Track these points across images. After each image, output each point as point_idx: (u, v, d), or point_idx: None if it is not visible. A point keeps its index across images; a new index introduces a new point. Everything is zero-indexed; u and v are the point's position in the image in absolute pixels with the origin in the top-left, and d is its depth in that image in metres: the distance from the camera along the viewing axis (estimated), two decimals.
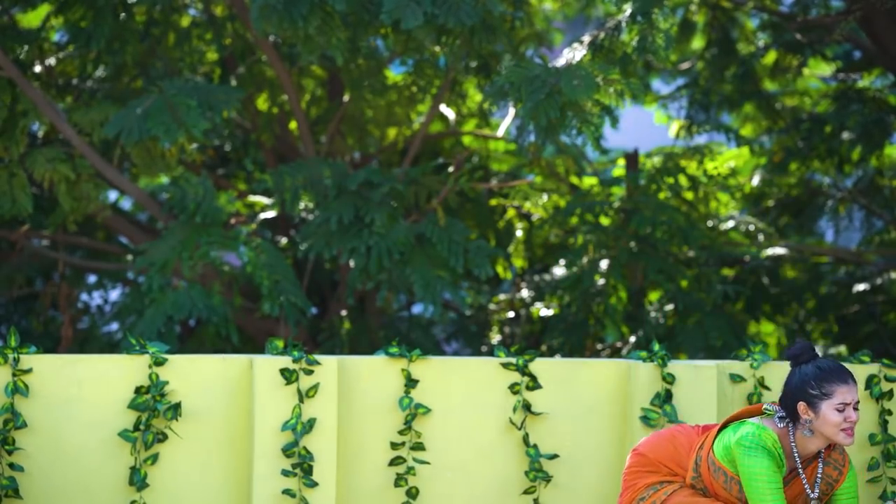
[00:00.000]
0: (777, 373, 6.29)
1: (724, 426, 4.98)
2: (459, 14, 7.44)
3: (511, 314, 10.11)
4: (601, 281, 9.20)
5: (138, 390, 5.77)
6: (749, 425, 4.79)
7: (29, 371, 5.69)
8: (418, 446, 5.99)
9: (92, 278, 10.45)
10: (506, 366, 6.12)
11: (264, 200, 9.70)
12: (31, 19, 9.50)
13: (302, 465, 5.81)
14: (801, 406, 4.80)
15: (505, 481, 6.10)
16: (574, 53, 7.94)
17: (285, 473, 5.79)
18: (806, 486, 4.84)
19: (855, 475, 5.01)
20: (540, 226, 9.65)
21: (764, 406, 4.95)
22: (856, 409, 4.80)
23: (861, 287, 10.44)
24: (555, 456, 6.10)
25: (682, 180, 9.45)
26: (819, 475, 4.86)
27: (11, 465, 5.62)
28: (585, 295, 9.10)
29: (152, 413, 5.74)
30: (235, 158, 10.43)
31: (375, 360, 6.04)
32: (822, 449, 4.91)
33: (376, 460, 6.00)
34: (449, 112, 9.85)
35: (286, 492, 5.80)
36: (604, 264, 9.13)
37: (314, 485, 5.81)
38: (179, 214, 8.09)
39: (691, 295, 9.18)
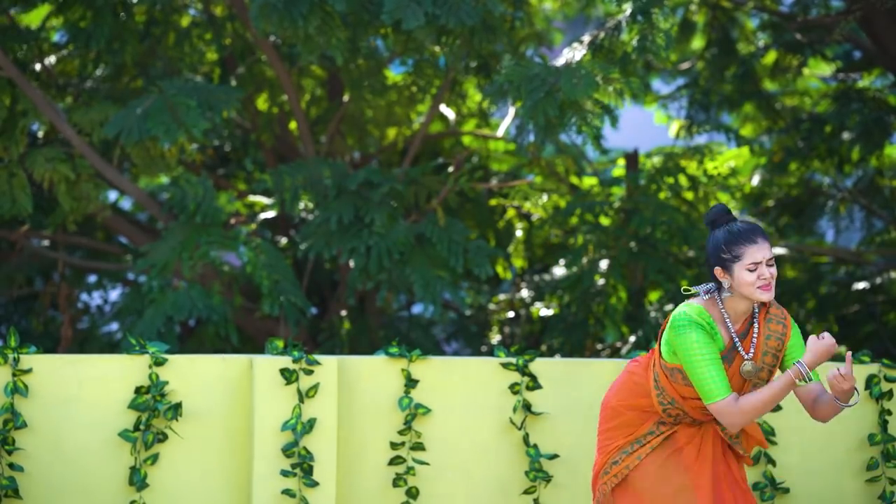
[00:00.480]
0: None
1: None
2: (460, 14, 7.44)
3: (511, 314, 10.11)
4: (601, 281, 9.19)
5: (138, 390, 5.77)
6: (676, 310, 4.83)
7: (29, 371, 5.69)
8: (418, 446, 6.00)
9: (92, 278, 10.45)
10: (506, 366, 6.12)
11: (264, 200, 9.70)
12: (31, 19, 9.50)
13: (302, 465, 5.81)
14: (718, 271, 4.80)
15: (505, 481, 6.10)
16: (574, 53, 7.94)
17: (285, 473, 5.79)
18: (741, 350, 4.81)
19: (795, 325, 4.98)
20: (540, 226, 9.65)
21: (683, 288, 4.97)
22: (770, 265, 4.77)
23: (861, 287, 10.44)
24: (555, 456, 6.10)
25: (682, 180, 9.45)
26: (755, 335, 4.84)
27: (11, 465, 5.62)
28: (585, 295, 9.09)
29: (152, 413, 5.74)
30: (235, 158, 10.43)
31: (375, 360, 6.04)
32: (757, 310, 4.87)
33: (376, 460, 6.00)
34: (449, 112, 9.85)
35: (286, 492, 5.80)
36: (604, 264, 9.12)
37: (314, 485, 5.81)
38: (179, 214, 8.09)
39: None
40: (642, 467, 4.80)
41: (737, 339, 4.81)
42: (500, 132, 9.75)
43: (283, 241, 9.82)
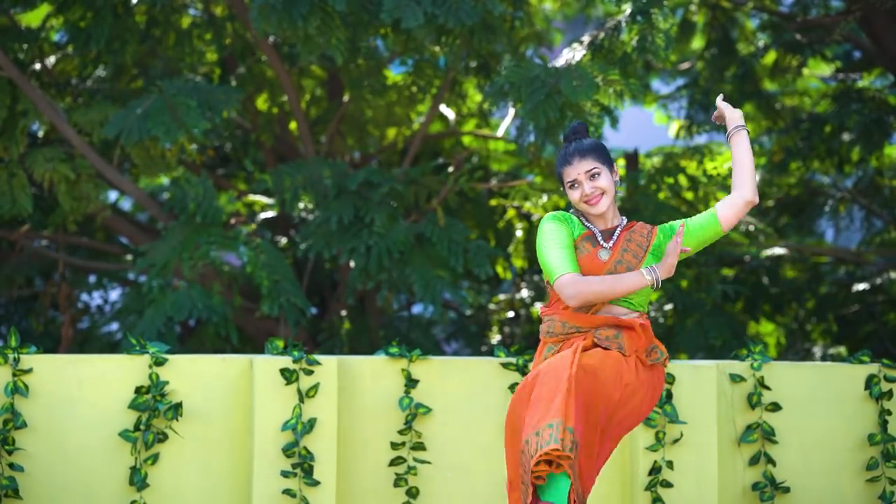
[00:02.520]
0: (777, 373, 6.30)
1: None
2: (459, 14, 7.44)
3: (511, 314, 10.11)
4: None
5: (138, 390, 5.77)
6: None
7: (29, 371, 5.69)
8: (418, 446, 6.00)
9: (92, 278, 10.46)
10: (506, 366, 6.12)
11: (264, 200, 9.70)
12: (31, 19, 9.49)
13: (302, 465, 5.81)
14: (563, 190, 4.96)
15: (505, 481, 6.10)
16: (574, 53, 7.94)
17: (285, 474, 5.79)
18: (601, 240, 4.87)
19: (664, 227, 4.98)
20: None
21: None
22: (593, 177, 4.86)
23: (861, 287, 10.45)
24: None
25: (682, 180, 9.45)
26: (615, 237, 4.89)
27: (11, 465, 5.62)
28: None
29: (152, 413, 5.74)
30: (235, 158, 10.43)
31: (375, 360, 6.05)
32: (623, 224, 4.94)
33: (376, 460, 6.00)
34: (449, 112, 9.85)
35: (286, 492, 5.80)
36: None
37: (314, 485, 5.81)
38: (179, 215, 8.09)
39: (691, 295, 9.18)
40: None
41: (598, 233, 4.88)
42: (500, 132, 9.75)
43: (283, 241, 9.83)
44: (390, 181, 8.21)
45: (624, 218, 5.00)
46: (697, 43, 10.86)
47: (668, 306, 9.40)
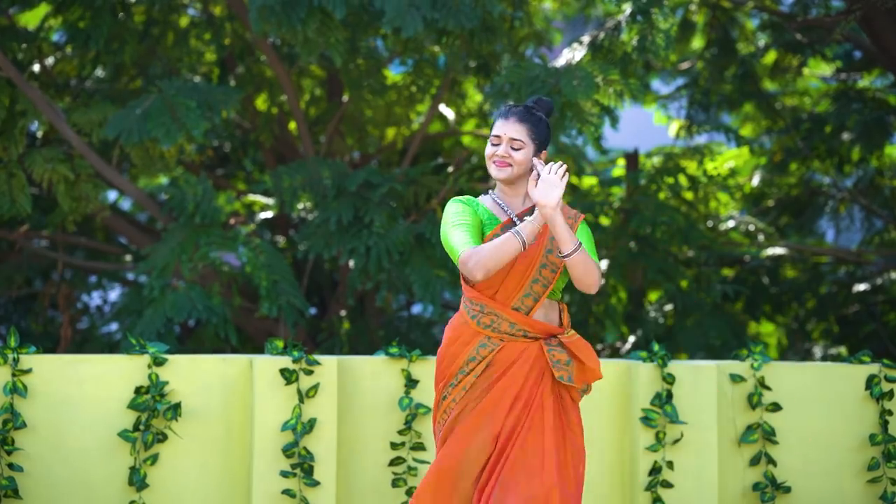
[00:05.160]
0: (777, 373, 6.29)
1: None
2: (459, 17, 7.43)
3: None
4: (601, 281, 9.18)
5: (138, 390, 5.76)
6: None
7: (29, 371, 5.68)
8: (418, 446, 5.99)
9: (92, 278, 10.45)
10: None
11: (263, 200, 9.69)
12: (30, 19, 9.49)
13: (302, 465, 5.80)
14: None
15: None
16: (574, 53, 7.93)
17: (285, 474, 5.78)
18: (516, 220, 4.72)
19: (586, 229, 4.85)
20: None
21: None
22: (516, 148, 4.71)
23: (861, 287, 10.44)
24: None
25: (682, 180, 9.45)
26: (531, 212, 4.74)
27: (11, 465, 5.61)
28: (585, 295, 9.09)
29: (152, 413, 5.73)
30: (235, 158, 10.42)
31: (375, 360, 6.04)
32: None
33: (376, 460, 5.99)
34: (448, 112, 9.85)
35: (286, 492, 5.79)
36: (604, 264, 9.12)
37: (314, 485, 5.81)
38: (179, 215, 8.08)
39: (691, 295, 9.18)
40: (458, 404, 4.68)
41: (515, 217, 4.74)
42: None
43: (283, 241, 9.82)
44: (390, 181, 8.20)
45: None
46: (697, 43, 10.85)
47: (669, 306, 9.39)
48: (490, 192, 4.86)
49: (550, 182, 4.56)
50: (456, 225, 4.69)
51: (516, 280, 4.69)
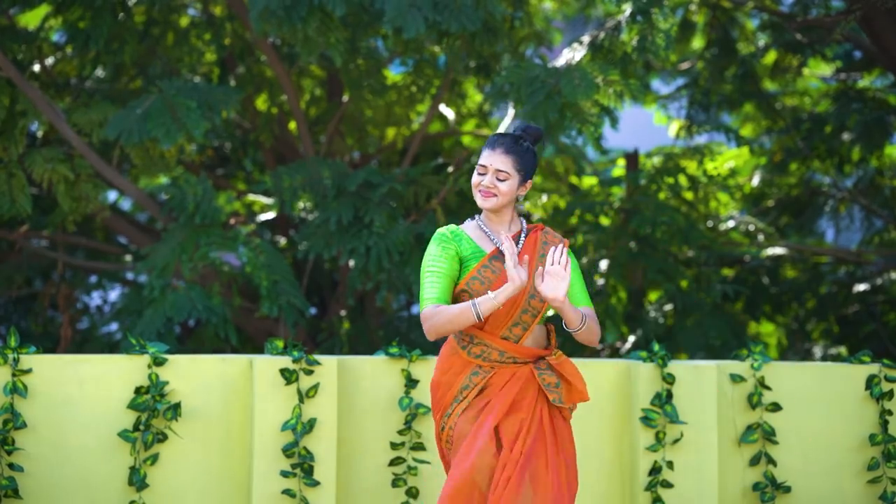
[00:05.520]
0: (777, 373, 6.29)
1: None
2: (461, 19, 7.43)
3: None
4: (601, 281, 9.19)
5: (138, 390, 5.76)
6: None
7: (29, 371, 5.68)
8: (418, 446, 5.99)
9: (92, 278, 10.45)
10: None
11: (264, 200, 9.69)
12: (30, 19, 9.49)
13: (302, 465, 5.80)
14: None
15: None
16: (574, 53, 7.93)
17: (285, 474, 5.78)
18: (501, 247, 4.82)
19: (573, 256, 4.92)
20: None
21: None
22: (501, 179, 4.80)
23: (861, 287, 10.44)
24: None
25: (682, 180, 9.45)
26: (521, 243, 4.83)
27: (11, 465, 5.61)
28: None
29: (152, 413, 5.73)
30: (235, 158, 10.43)
31: (375, 360, 6.04)
32: (526, 228, 4.88)
33: (376, 460, 5.99)
34: (448, 112, 9.85)
35: (286, 492, 5.79)
36: (604, 264, 9.12)
37: (314, 485, 5.80)
38: (179, 215, 8.08)
39: (691, 295, 9.17)
40: (457, 428, 4.78)
41: (501, 247, 4.79)
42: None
43: (283, 241, 9.82)
44: (390, 181, 8.20)
45: (523, 220, 4.95)
46: (697, 43, 10.85)
47: (668, 306, 9.39)
48: (476, 217, 4.94)
49: (556, 275, 4.66)
50: (429, 272, 4.80)
51: (506, 311, 4.78)
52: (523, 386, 4.78)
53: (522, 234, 4.88)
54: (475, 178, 4.83)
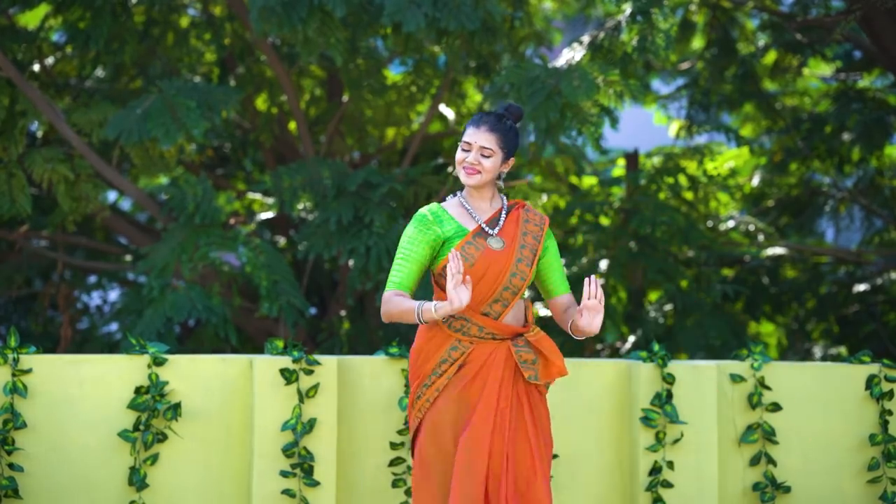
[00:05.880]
0: (777, 373, 6.29)
1: None
2: (460, 17, 7.43)
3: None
4: (601, 281, 9.19)
5: (138, 390, 5.76)
6: None
7: (29, 371, 5.68)
8: None
9: (92, 278, 10.44)
10: None
11: (263, 200, 9.69)
12: (30, 19, 9.49)
13: (302, 465, 5.80)
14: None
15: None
16: (574, 54, 7.93)
17: (285, 474, 5.78)
18: (486, 227, 4.94)
19: (552, 237, 5.11)
20: None
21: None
22: (485, 156, 4.94)
23: (861, 287, 10.44)
24: (555, 456, 6.10)
25: (682, 180, 9.45)
26: (502, 220, 4.97)
27: (11, 465, 5.61)
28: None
29: (152, 413, 5.73)
30: (235, 158, 10.42)
31: (375, 360, 6.04)
32: (507, 206, 5.02)
33: (376, 460, 5.99)
34: (448, 112, 9.84)
35: (286, 492, 5.79)
36: (604, 264, 9.12)
37: (314, 485, 5.80)
38: (179, 215, 8.08)
39: (691, 295, 9.17)
40: (436, 404, 4.90)
41: (484, 224, 4.95)
42: None
43: (283, 241, 9.81)
44: (390, 181, 8.20)
45: (504, 196, 5.08)
46: (697, 43, 10.85)
47: (668, 306, 9.39)
48: (458, 193, 5.05)
49: (593, 309, 4.86)
50: (399, 255, 4.95)
51: (487, 287, 4.90)
52: (502, 369, 4.89)
53: (503, 211, 5.01)
54: (459, 155, 4.96)
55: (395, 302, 4.87)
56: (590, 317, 4.84)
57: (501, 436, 4.84)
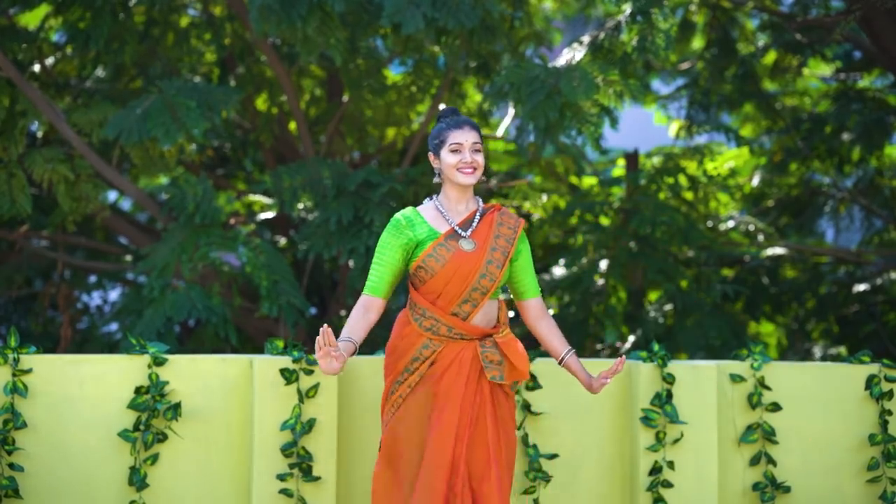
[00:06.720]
0: (777, 373, 6.29)
1: None
2: (459, 16, 7.43)
3: (511, 314, 10.10)
4: (601, 281, 9.18)
5: (138, 390, 5.76)
6: None
7: (29, 371, 5.68)
8: None
9: (92, 278, 10.44)
10: None
11: (264, 200, 9.69)
12: (30, 19, 9.49)
13: (301, 465, 5.80)
14: (431, 157, 5.13)
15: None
16: (574, 53, 7.93)
17: (285, 473, 5.78)
18: (459, 230, 5.05)
19: (527, 239, 5.21)
20: (540, 226, 9.65)
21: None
22: (477, 151, 5.06)
23: (861, 287, 10.44)
24: (555, 456, 6.10)
25: (682, 180, 9.45)
26: (475, 223, 5.07)
27: (11, 465, 5.61)
28: (585, 295, 9.09)
29: (152, 413, 5.73)
30: (235, 158, 10.42)
31: (375, 360, 6.04)
32: (482, 209, 5.12)
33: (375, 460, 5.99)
34: None
35: (285, 491, 5.79)
36: (604, 264, 9.12)
37: (314, 484, 5.80)
38: (179, 215, 8.08)
39: (691, 295, 9.17)
40: (407, 401, 5.05)
41: (456, 226, 5.06)
42: (500, 132, 9.73)
43: (283, 241, 9.81)
44: (390, 181, 8.20)
45: (479, 199, 5.17)
46: (697, 43, 10.85)
47: (668, 306, 9.39)
48: (434, 197, 5.16)
49: (604, 383, 5.21)
50: (375, 260, 5.15)
51: (457, 287, 5.02)
52: (469, 369, 5.01)
53: (478, 214, 5.10)
54: (452, 159, 5.04)
55: (352, 315, 5.13)
56: (599, 383, 5.18)
57: (463, 434, 4.96)
